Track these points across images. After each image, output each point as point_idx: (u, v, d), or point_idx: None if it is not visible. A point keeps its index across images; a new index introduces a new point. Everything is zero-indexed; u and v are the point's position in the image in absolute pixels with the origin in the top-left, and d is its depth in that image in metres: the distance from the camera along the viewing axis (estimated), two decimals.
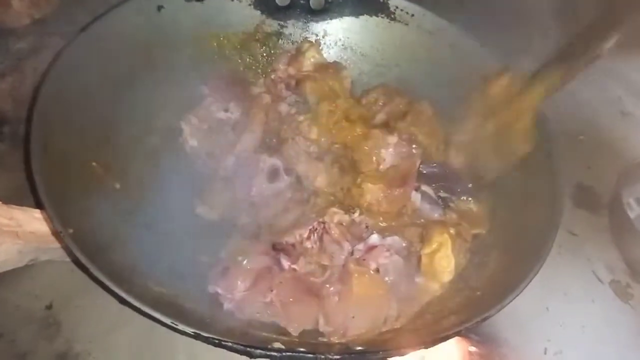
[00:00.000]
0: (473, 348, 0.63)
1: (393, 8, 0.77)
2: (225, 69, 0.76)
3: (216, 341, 0.46)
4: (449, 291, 0.60)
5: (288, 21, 0.78)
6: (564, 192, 0.62)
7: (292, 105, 0.74)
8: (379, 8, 0.77)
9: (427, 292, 0.59)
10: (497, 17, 0.88)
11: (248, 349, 0.46)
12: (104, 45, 0.65)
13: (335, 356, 0.48)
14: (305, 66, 0.76)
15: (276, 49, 0.79)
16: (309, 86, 0.73)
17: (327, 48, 0.80)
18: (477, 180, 0.68)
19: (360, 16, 0.78)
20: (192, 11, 0.72)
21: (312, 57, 0.76)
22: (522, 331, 0.65)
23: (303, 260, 0.59)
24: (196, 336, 0.46)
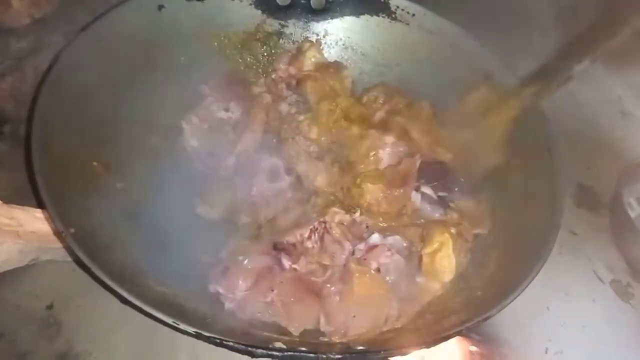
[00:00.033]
0: (474, 348, 0.63)
1: (394, 8, 0.77)
2: (226, 69, 0.76)
3: (218, 341, 0.46)
4: (450, 291, 0.60)
5: (289, 21, 0.78)
6: (565, 192, 0.62)
7: (293, 104, 0.74)
8: (380, 8, 0.77)
9: (428, 292, 0.59)
10: (498, 17, 0.88)
11: (249, 349, 0.46)
12: (105, 44, 0.65)
13: (336, 356, 0.48)
14: (306, 66, 0.76)
15: (277, 49, 0.79)
16: (310, 85, 0.73)
17: (328, 47, 0.80)
18: (470, 179, 0.68)
19: (361, 16, 0.78)
20: (193, 11, 0.72)
21: (313, 57, 0.76)
22: (523, 331, 0.65)
23: (304, 259, 0.59)
24: (198, 336, 0.46)
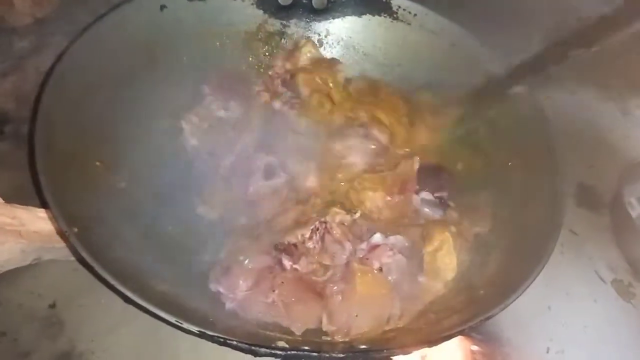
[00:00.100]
0: (475, 347, 0.63)
1: (395, 7, 0.77)
2: (227, 68, 0.76)
3: (221, 340, 0.46)
4: (452, 290, 0.60)
5: (290, 20, 0.78)
6: (566, 192, 0.62)
7: (286, 101, 0.73)
8: (382, 7, 0.77)
9: (430, 291, 0.59)
10: (499, 17, 0.88)
11: (253, 348, 0.46)
12: (107, 44, 0.65)
13: (339, 355, 0.48)
14: (301, 61, 0.76)
15: (278, 49, 0.79)
16: (301, 78, 0.73)
17: (330, 47, 0.80)
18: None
19: (362, 15, 0.78)
20: (195, 10, 0.72)
21: (309, 52, 0.76)
22: (525, 330, 0.65)
23: (305, 260, 0.59)
24: (201, 335, 0.46)
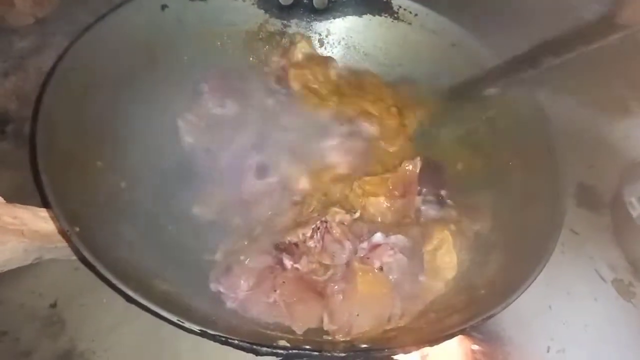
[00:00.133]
0: (476, 346, 0.63)
1: (396, 7, 0.77)
2: (225, 67, 0.75)
3: (222, 339, 0.46)
4: (453, 290, 0.60)
5: (291, 20, 0.78)
6: (567, 192, 0.62)
7: (278, 98, 0.73)
8: (382, 7, 0.77)
9: (431, 291, 0.59)
10: (500, 17, 0.88)
11: (254, 347, 0.46)
12: (108, 44, 0.65)
13: (340, 354, 0.48)
14: (295, 57, 0.76)
15: (279, 48, 0.79)
16: (292, 73, 0.73)
17: (330, 47, 0.80)
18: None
19: (363, 15, 0.78)
20: (196, 10, 0.72)
21: (303, 48, 0.76)
22: (525, 329, 0.65)
23: (305, 259, 0.59)
24: (203, 334, 0.46)
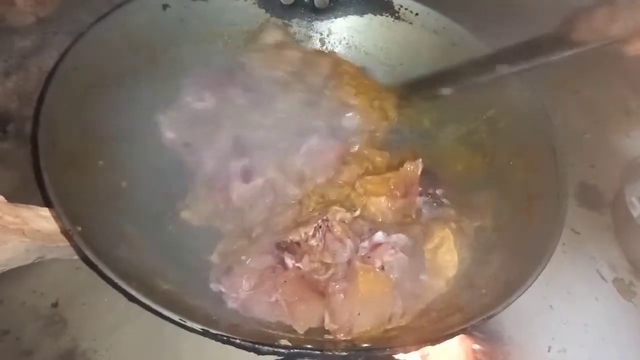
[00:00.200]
0: (477, 346, 0.63)
1: (397, 7, 0.77)
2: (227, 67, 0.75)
3: (224, 338, 0.46)
4: (454, 289, 0.60)
5: (292, 20, 0.78)
6: (568, 191, 0.62)
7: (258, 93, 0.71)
8: (383, 7, 0.77)
9: (432, 290, 0.59)
10: (501, 16, 0.88)
11: (256, 346, 0.46)
12: (109, 44, 0.65)
13: (341, 353, 0.48)
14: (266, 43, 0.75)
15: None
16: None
17: (331, 46, 0.80)
18: None
19: (364, 15, 0.78)
20: (197, 10, 0.72)
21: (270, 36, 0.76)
22: (526, 329, 0.65)
23: (307, 258, 0.59)
24: (204, 333, 0.46)
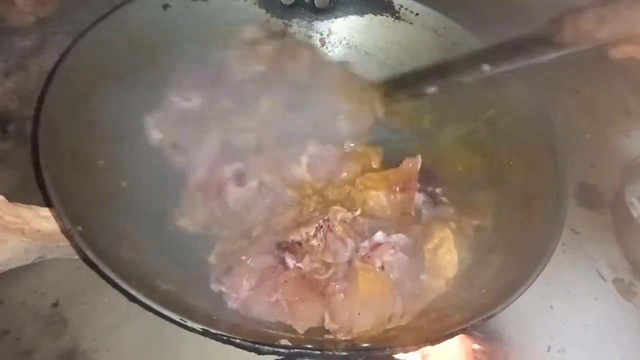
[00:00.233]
0: (477, 345, 0.63)
1: (397, 7, 0.77)
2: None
3: (224, 338, 0.46)
4: (454, 289, 0.60)
5: (293, 20, 0.78)
6: (568, 191, 0.62)
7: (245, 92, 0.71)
8: (384, 7, 0.77)
9: (432, 290, 0.59)
10: (501, 16, 0.88)
11: (256, 346, 0.47)
12: (109, 44, 0.65)
13: (341, 352, 0.48)
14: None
15: None
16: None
17: (332, 47, 0.80)
18: None
19: (364, 15, 0.78)
20: (198, 10, 0.72)
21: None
22: (526, 329, 0.65)
23: (308, 258, 0.59)
24: (205, 333, 0.46)
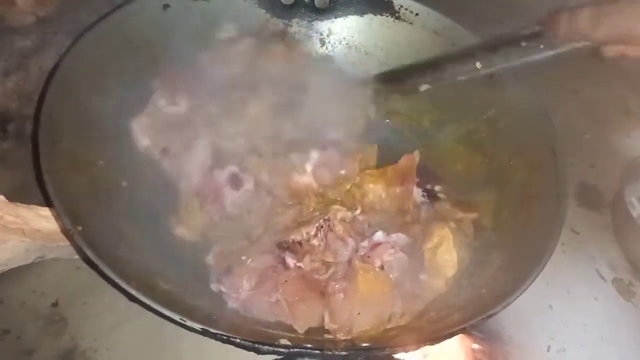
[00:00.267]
0: (476, 345, 0.63)
1: (397, 7, 0.77)
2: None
3: (224, 338, 0.46)
4: (453, 288, 0.60)
5: (293, 20, 0.78)
6: (567, 191, 0.62)
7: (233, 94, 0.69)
8: (384, 7, 0.77)
9: (432, 289, 0.59)
10: (501, 16, 0.88)
11: (256, 346, 0.47)
12: (110, 44, 0.65)
13: (341, 352, 0.48)
14: None
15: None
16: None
17: (332, 47, 0.80)
18: None
19: (364, 15, 0.78)
20: (198, 10, 0.72)
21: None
22: (526, 329, 0.65)
23: (308, 258, 0.59)
24: (204, 333, 0.47)
